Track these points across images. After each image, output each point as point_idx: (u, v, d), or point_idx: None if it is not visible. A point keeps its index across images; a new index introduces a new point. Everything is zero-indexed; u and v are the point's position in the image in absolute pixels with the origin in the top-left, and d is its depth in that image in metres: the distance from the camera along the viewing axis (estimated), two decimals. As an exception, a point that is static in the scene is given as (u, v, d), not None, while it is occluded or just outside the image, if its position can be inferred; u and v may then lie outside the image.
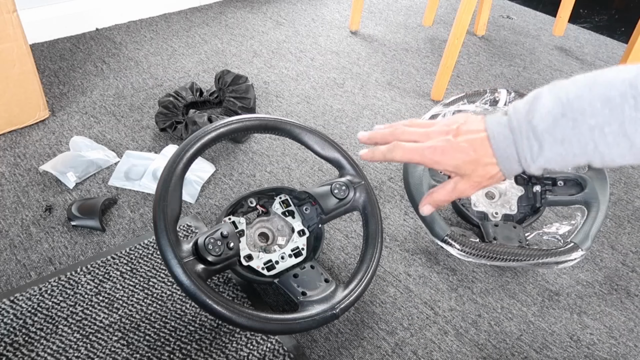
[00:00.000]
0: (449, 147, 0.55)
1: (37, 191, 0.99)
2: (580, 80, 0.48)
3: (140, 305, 0.80)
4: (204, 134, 0.73)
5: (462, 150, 0.54)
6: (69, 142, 1.08)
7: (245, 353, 0.75)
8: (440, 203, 0.60)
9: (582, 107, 0.46)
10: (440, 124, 0.57)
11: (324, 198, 0.80)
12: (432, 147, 0.56)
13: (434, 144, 0.56)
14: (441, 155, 0.55)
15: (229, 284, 0.84)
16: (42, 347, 0.73)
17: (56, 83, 1.31)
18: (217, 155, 1.12)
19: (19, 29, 1.04)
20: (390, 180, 1.10)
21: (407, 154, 0.57)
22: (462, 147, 0.54)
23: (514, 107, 0.52)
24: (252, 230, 0.82)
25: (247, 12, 1.76)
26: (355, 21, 1.67)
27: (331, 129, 1.24)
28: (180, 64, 1.44)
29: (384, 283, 0.88)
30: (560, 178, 0.93)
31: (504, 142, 0.52)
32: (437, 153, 0.55)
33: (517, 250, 0.83)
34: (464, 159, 0.54)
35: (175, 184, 0.68)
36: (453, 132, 0.55)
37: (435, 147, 0.56)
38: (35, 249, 0.88)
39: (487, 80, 1.48)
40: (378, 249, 0.80)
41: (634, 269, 0.94)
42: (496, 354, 0.78)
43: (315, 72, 1.45)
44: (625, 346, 0.81)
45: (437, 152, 0.55)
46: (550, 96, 0.49)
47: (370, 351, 0.77)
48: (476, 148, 0.53)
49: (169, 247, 0.64)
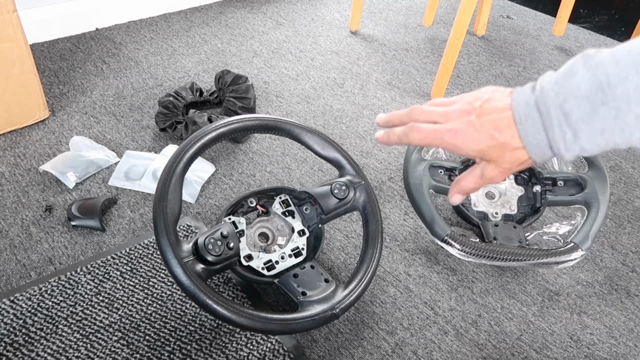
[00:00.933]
0: (472, 130, 0.48)
1: (37, 191, 0.99)
2: (622, 55, 0.40)
3: (140, 305, 0.80)
4: (204, 134, 0.73)
5: (486, 134, 0.47)
6: (69, 142, 1.08)
7: (245, 353, 0.75)
8: (469, 191, 0.54)
9: (628, 94, 0.39)
10: (462, 102, 0.50)
11: (324, 198, 0.80)
12: (452, 130, 0.49)
13: (455, 127, 0.49)
14: (462, 139, 0.48)
15: (229, 284, 0.84)
16: (42, 347, 0.73)
17: (56, 83, 1.31)
18: (217, 155, 1.12)
19: (19, 29, 1.04)
20: (390, 180, 1.10)
21: (425, 138, 0.51)
22: (486, 129, 0.47)
23: (541, 86, 0.44)
24: (252, 230, 0.82)
25: (247, 12, 1.76)
26: (355, 21, 1.67)
27: (331, 129, 1.24)
28: (180, 64, 1.44)
29: (384, 283, 0.88)
30: (560, 178, 0.93)
31: (533, 128, 0.44)
32: (458, 137, 0.49)
33: (517, 250, 0.83)
34: (488, 144, 0.47)
35: (175, 184, 0.68)
36: (476, 112, 0.48)
37: (455, 130, 0.49)
38: (35, 249, 0.88)
39: (487, 80, 1.48)
40: (378, 249, 0.80)
41: (634, 269, 0.94)
42: (496, 354, 0.78)
43: (315, 72, 1.45)
44: (625, 346, 0.81)
45: (458, 136, 0.49)
46: (587, 75, 0.41)
47: (370, 351, 0.77)
48: (502, 130, 0.46)
49: (169, 247, 0.64)
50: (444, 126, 0.50)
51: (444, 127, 0.50)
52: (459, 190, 0.55)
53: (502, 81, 1.48)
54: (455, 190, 0.55)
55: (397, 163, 1.15)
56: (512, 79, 1.49)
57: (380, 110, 1.32)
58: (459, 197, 0.55)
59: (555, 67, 1.57)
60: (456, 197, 0.55)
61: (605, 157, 1.22)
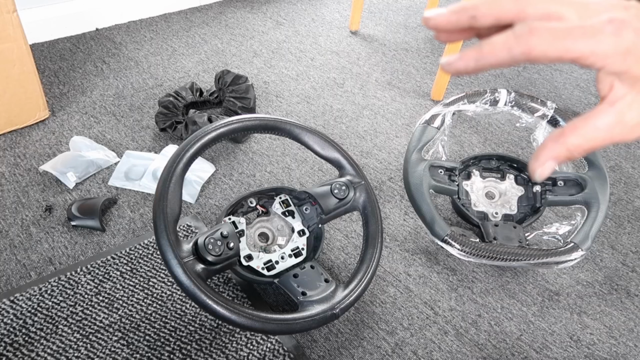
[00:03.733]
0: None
1: (37, 191, 0.99)
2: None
3: (140, 305, 0.80)
4: (204, 134, 0.73)
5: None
6: (69, 142, 1.08)
7: (245, 353, 0.75)
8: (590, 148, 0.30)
9: None
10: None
11: (324, 198, 0.80)
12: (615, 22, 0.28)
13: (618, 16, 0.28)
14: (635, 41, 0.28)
15: (229, 284, 0.84)
16: (42, 347, 0.73)
17: (56, 83, 1.31)
18: (217, 155, 1.12)
19: (19, 29, 1.04)
20: (390, 180, 1.10)
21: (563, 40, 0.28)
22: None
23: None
24: (252, 230, 0.82)
25: (247, 12, 1.76)
26: (355, 21, 1.67)
27: (331, 129, 1.24)
28: (180, 64, 1.44)
29: (384, 283, 0.88)
30: (560, 178, 0.93)
31: None
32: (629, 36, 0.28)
33: (517, 250, 0.83)
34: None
35: (175, 184, 0.68)
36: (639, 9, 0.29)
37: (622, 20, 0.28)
38: (35, 249, 0.88)
39: (487, 80, 1.48)
40: (378, 249, 0.80)
41: (634, 269, 0.94)
42: (496, 354, 0.78)
43: (315, 72, 1.45)
44: (625, 346, 0.81)
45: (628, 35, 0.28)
46: None
47: (370, 351, 0.77)
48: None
49: (169, 247, 0.64)
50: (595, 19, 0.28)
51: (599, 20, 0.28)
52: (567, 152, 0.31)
53: (502, 81, 1.48)
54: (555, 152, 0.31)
55: (397, 163, 1.15)
56: (512, 79, 1.49)
57: (381, 110, 1.32)
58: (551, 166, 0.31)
59: (555, 67, 1.57)
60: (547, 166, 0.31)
61: (605, 157, 1.22)
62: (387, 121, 1.28)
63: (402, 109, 1.33)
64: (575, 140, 0.30)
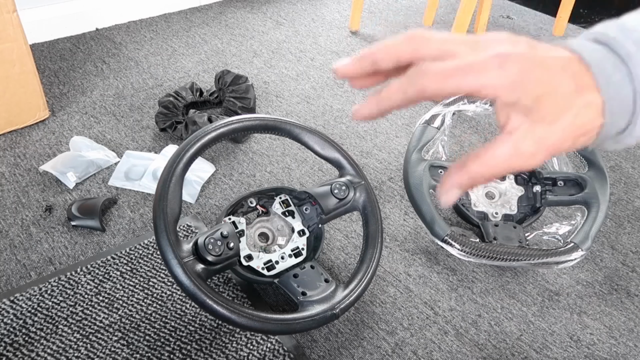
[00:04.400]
0: (532, 63, 0.30)
1: (37, 191, 0.99)
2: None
3: (140, 305, 0.80)
4: (204, 134, 0.73)
5: (555, 72, 0.30)
6: (69, 142, 1.08)
7: (245, 353, 0.75)
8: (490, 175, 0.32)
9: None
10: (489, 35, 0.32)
11: (324, 198, 0.80)
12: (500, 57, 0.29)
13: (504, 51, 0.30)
14: (520, 73, 0.29)
15: (229, 284, 0.84)
16: (42, 347, 0.73)
17: (56, 83, 1.31)
18: (217, 155, 1.12)
19: (19, 29, 1.04)
20: (390, 180, 1.10)
21: (452, 78, 0.30)
22: (553, 67, 0.30)
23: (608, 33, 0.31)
24: (252, 230, 0.82)
25: (247, 12, 1.76)
26: (355, 21, 1.67)
27: (331, 129, 1.24)
28: (180, 64, 1.44)
29: (384, 283, 0.88)
30: (560, 178, 0.93)
31: (617, 74, 0.30)
32: (511, 66, 0.29)
33: (517, 250, 0.83)
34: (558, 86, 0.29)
35: (175, 184, 0.68)
36: (526, 43, 0.31)
37: (508, 55, 0.29)
38: (35, 249, 0.88)
39: (487, 80, 1.48)
40: (378, 249, 0.80)
41: (634, 269, 0.94)
42: (496, 354, 0.78)
43: (315, 72, 1.45)
44: (625, 346, 0.81)
45: (513, 68, 0.29)
46: None
47: (370, 351, 0.77)
48: (575, 74, 0.30)
49: (169, 247, 0.64)
50: (482, 54, 0.30)
51: (485, 55, 0.30)
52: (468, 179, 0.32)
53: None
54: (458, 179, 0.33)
55: (397, 163, 1.15)
56: (512, 79, 1.49)
57: (380, 110, 1.32)
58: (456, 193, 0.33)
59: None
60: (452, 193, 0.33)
61: (605, 157, 1.22)
62: (387, 121, 1.28)
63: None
64: (476, 168, 0.32)
